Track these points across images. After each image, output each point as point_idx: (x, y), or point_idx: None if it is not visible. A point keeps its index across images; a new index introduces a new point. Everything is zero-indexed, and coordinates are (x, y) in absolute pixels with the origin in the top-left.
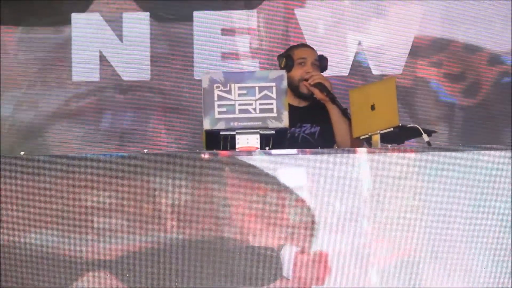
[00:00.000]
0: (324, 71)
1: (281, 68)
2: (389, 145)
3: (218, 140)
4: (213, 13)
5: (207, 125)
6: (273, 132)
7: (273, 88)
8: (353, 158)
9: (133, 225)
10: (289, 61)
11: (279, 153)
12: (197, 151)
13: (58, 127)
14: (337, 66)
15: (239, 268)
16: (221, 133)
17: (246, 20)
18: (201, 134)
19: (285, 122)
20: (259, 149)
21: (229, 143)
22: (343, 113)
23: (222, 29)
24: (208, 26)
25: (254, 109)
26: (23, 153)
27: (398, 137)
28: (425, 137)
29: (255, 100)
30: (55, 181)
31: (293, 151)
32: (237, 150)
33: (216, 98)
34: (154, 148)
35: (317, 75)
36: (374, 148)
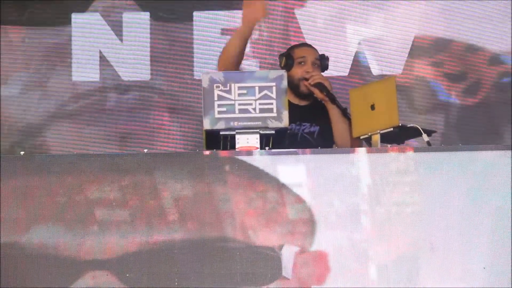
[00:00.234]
0: (325, 71)
1: (281, 67)
2: (389, 145)
3: (218, 140)
4: (213, 13)
5: (207, 125)
6: (273, 132)
7: (273, 88)
8: (352, 157)
9: (132, 223)
10: (289, 60)
11: (279, 152)
12: (197, 150)
13: (57, 127)
14: (337, 66)
15: (239, 267)
16: (221, 133)
17: None
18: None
19: (285, 122)
20: (259, 149)
21: (229, 143)
22: (343, 113)
23: (222, 29)
24: (208, 26)
25: (254, 109)
26: (23, 152)
27: (398, 137)
28: (425, 137)
29: (255, 100)
30: (55, 180)
31: (293, 151)
32: (237, 150)
33: (216, 98)
34: (154, 148)
35: (317, 75)
36: (373, 148)
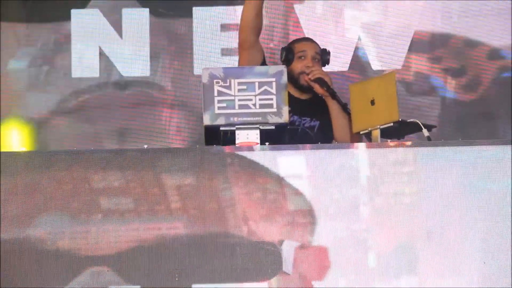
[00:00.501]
0: (326, 65)
1: (282, 61)
2: (389, 140)
3: (218, 136)
4: (212, 8)
5: (207, 120)
6: (273, 127)
7: (272, 83)
8: (352, 150)
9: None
10: (290, 54)
11: (279, 148)
12: (196, 146)
13: (57, 124)
14: (337, 61)
15: (240, 263)
16: (221, 128)
17: None
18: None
19: (285, 117)
20: (259, 145)
21: (229, 138)
22: (343, 108)
23: (222, 25)
24: (207, 21)
25: (254, 105)
26: (23, 149)
27: (398, 132)
28: (425, 132)
29: (255, 96)
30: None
31: (293, 147)
32: (237, 145)
33: (216, 94)
34: (154, 144)
35: (317, 70)
36: (373, 144)
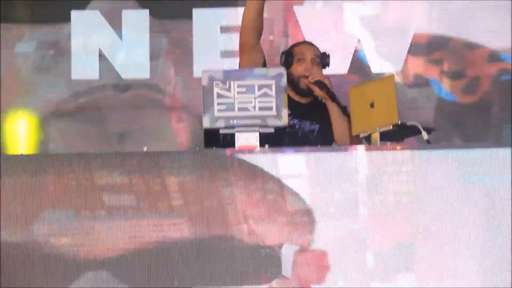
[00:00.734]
0: (326, 68)
1: (281, 65)
2: (388, 143)
3: (217, 138)
4: (212, 10)
5: (206, 123)
6: (273, 130)
7: (272, 86)
8: (351, 153)
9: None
10: (289, 57)
11: (278, 151)
12: (196, 149)
13: (57, 126)
14: (336, 64)
15: (239, 266)
16: (220, 131)
17: None
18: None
19: (284, 120)
20: (258, 147)
21: (228, 141)
22: (343, 111)
23: (222, 27)
24: (207, 23)
25: (254, 107)
26: (22, 152)
27: (398, 135)
28: (425, 135)
29: (255, 98)
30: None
31: (292, 150)
32: (236, 148)
33: (215, 96)
34: (153, 146)
35: (316, 72)
36: (372, 146)
